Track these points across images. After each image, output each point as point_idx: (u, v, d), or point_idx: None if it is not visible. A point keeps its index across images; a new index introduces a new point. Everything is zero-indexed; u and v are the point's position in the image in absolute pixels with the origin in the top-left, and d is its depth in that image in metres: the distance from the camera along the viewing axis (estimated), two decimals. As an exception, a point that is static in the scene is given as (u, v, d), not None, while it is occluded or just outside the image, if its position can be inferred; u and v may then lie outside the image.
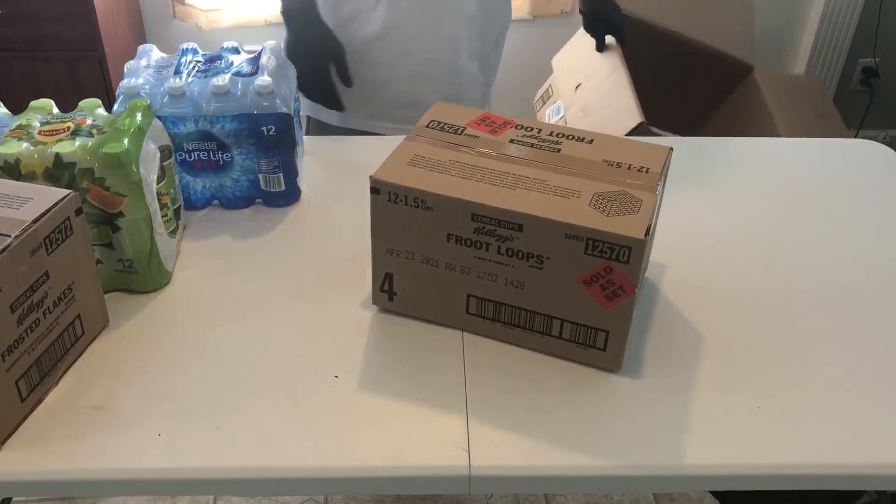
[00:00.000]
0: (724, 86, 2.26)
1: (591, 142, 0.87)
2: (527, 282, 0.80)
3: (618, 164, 0.84)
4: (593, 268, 0.76)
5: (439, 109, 0.93)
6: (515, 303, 0.82)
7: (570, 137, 0.88)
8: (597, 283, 0.77)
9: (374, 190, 0.81)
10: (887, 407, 0.79)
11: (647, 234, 0.74)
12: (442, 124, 0.90)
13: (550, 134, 0.89)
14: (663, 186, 0.86)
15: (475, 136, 0.88)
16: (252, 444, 0.74)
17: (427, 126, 0.90)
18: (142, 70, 1.03)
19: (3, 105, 0.91)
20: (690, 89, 2.20)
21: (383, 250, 0.85)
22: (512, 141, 0.87)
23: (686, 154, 0.85)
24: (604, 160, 0.84)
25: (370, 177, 0.81)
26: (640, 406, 0.79)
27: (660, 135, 1.68)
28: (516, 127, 0.90)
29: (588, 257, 0.75)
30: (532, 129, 0.90)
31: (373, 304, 0.90)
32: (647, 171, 0.83)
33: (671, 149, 0.88)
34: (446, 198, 0.79)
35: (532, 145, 0.86)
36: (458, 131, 0.89)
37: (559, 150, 0.86)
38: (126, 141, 0.83)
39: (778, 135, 2.06)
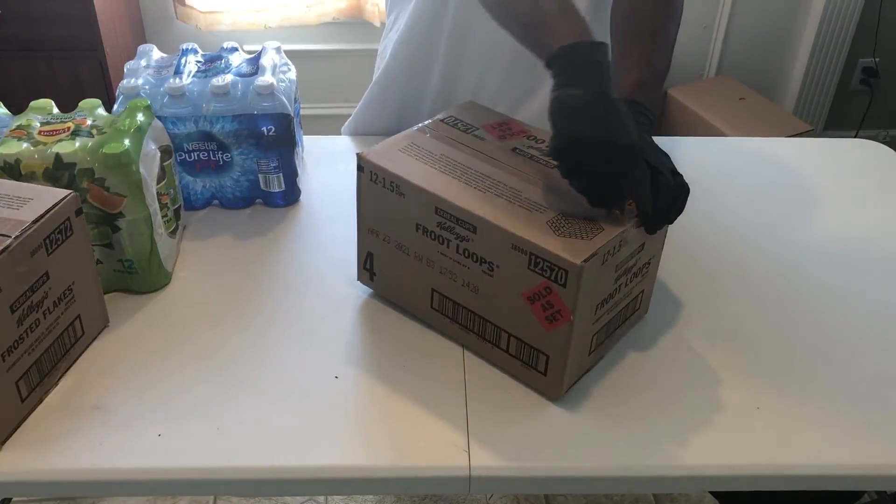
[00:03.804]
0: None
1: None
2: (480, 286, 0.79)
3: None
4: (536, 285, 0.74)
5: (465, 108, 0.93)
6: (471, 306, 0.81)
7: None
8: (539, 302, 0.75)
9: (360, 167, 0.83)
10: (887, 407, 0.79)
11: (586, 260, 0.71)
12: (457, 121, 0.90)
13: None
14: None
15: (481, 139, 0.87)
16: (252, 445, 0.74)
17: (442, 120, 0.90)
18: (142, 70, 1.03)
19: (3, 105, 0.90)
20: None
21: (366, 229, 0.86)
22: (514, 149, 0.85)
23: (685, 154, 0.85)
24: None
25: (356, 153, 0.82)
26: (641, 406, 0.79)
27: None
28: (528, 137, 0.88)
29: (531, 273, 0.74)
30: (544, 141, 0.87)
31: (357, 280, 0.91)
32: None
33: None
34: (415, 187, 0.79)
35: (531, 157, 0.84)
36: (469, 130, 0.88)
37: (555, 167, 0.83)
38: (126, 141, 0.83)
39: (713, 128, 2.41)
